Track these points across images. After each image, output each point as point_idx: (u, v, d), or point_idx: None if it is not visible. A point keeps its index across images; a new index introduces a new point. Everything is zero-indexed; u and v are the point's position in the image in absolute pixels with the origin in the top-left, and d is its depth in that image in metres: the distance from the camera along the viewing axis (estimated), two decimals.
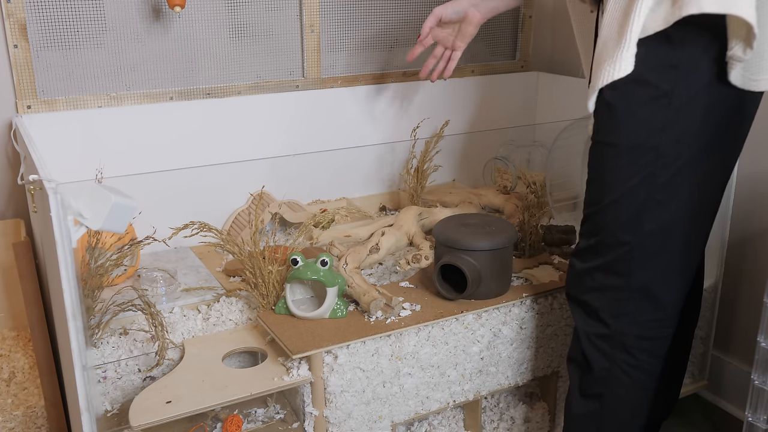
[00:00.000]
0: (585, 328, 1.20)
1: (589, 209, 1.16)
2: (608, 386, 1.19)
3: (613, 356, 1.18)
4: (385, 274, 1.50)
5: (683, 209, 1.10)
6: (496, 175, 1.94)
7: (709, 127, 1.05)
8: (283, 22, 1.73)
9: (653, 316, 1.15)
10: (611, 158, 1.10)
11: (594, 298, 1.17)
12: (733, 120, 1.08)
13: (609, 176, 1.11)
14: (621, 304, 1.15)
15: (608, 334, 1.17)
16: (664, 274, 1.13)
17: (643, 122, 1.05)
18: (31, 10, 1.47)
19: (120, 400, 1.24)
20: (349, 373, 1.22)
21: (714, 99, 1.04)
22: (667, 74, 1.02)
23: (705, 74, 1.02)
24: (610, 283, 1.15)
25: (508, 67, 2.08)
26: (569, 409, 1.26)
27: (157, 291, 1.38)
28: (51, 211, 0.87)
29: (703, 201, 1.12)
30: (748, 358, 1.61)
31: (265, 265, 1.29)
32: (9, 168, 1.54)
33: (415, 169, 1.78)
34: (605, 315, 1.16)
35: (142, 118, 1.59)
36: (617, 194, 1.10)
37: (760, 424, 1.26)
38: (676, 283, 1.15)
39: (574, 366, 1.24)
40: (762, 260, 1.62)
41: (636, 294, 1.14)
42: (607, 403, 1.20)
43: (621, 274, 1.13)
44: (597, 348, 1.19)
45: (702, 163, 1.08)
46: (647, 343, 1.17)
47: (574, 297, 1.22)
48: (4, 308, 1.47)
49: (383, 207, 1.87)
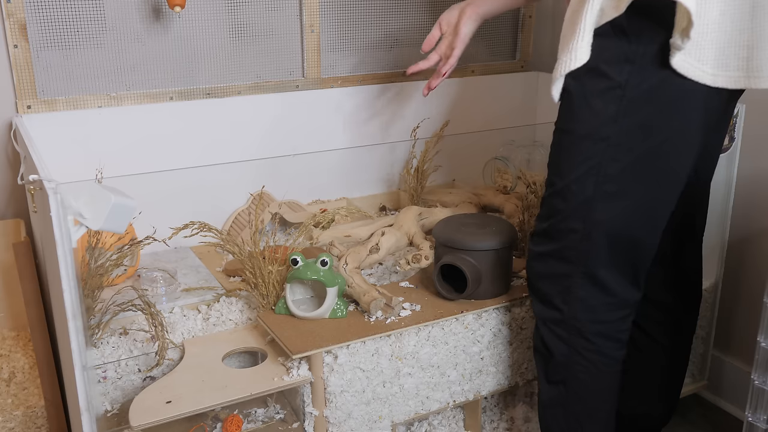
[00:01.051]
0: (542, 315, 1.22)
1: (546, 192, 1.18)
2: (570, 371, 1.21)
3: (570, 341, 1.19)
4: (385, 274, 1.50)
5: (635, 203, 1.10)
6: (496, 175, 1.94)
7: (663, 122, 1.05)
8: (283, 22, 1.73)
9: (603, 300, 1.16)
10: (566, 145, 1.12)
11: (547, 285, 1.19)
12: (691, 115, 1.06)
13: (564, 162, 1.12)
14: (572, 290, 1.16)
15: (562, 320, 1.19)
16: (610, 263, 1.14)
17: (596, 112, 1.06)
18: (31, 10, 1.47)
19: (120, 400, 1.24)
20: (349, 373, 1.22)
21: (668, 94, 1.03)
22: (621, 67, 1.03)
23: (659, 69, 1.02)
24: (560, 269, 1.16)
25: (508, 67, 2.08)
26: (539, 397, 1.28)
27: (157, 291, 1.38)
28: (51, 211, 0.87)
29: (656, 196, 1.12)
30: (748, 358, 1.61)
31: (265, 265, 1.29)
32: (9, 168, 1.54)
33: (415, 169, 1.78)
34: (558, 301, 1.18)
35: (142, 118, 1.59)
36: (568, 180, 1.11)
37: (760, 424, 1.26)
38: (625, 273, 1.16)
39: (538, 354, 1.26)
40: (762, 260, 1.62)
41: (585, 280, 1.15)
42: (571, 388, 1.22)
43: (570, 260, 1.15)
44: (555, 334, 1.20)
45: (655, 158, 1.08)
46: (600, 326, 1.18)
47: (529, 284, 1.24)
48: (4, 308, 1.47)
49: (383, 207, 1.87)
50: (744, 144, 1.54)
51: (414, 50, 1.90)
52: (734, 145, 1.51)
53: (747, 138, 1.55)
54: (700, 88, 1.03)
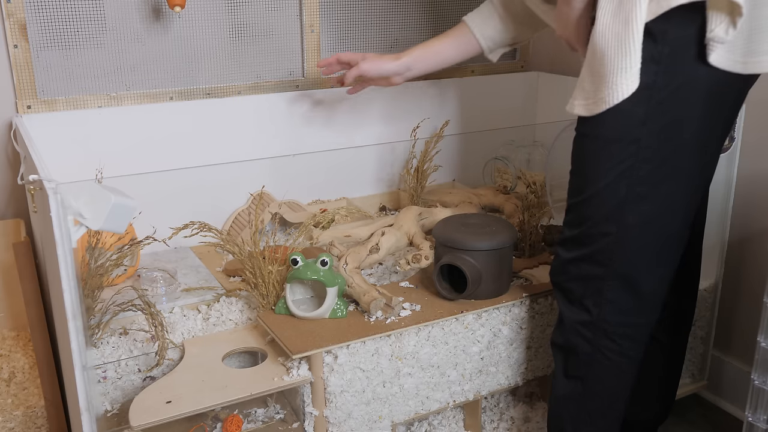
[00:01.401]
0: (569, 315, 1.21)
1: (572, 200, 1.17)
2: (591, 369, 1.21)
3: (595, 342, 1.19)
4: (385, 274, 1.50)
5: (665, 202, 1.10)
6: (496, 175, 1.94)
7: (692, 121, 1.05)
8: (283, 22, 1.73)
9: (633, 304, 1.16)
10: (592, 150, 1.11)
11: (577, 286, 1.19)
12: (718, 110, 1.07)
13: (591, 168, 1.11)
14: (603, 293, 1.16)
15: (591, 321, 1.18)
16: (644, 264, 1.14)
17: (624, 115, 1.05)
18: (31, 10, 1.47)
19: (120, 400, 1.24)
20: (349, 373, 1.22)
21: (696, 92, 1.03)
22: (648, 68, 1.02)
23: (686, 68, 1.01)
24: (592, 272, 1.16)
25: (508, 67, 2.08)
26: (554, 391, 1.28)
27: (157, 291, 1.38)
28: (51, 211, 0.87)
29: (687, 193, 1.12)
30: (748, 358, 1.60)
31: (265, 265, 1.29)
32: (9, 168, 1.54)
33: (415, 169, 1.78)
34: (588, 302, 1.18)
35: (142, 118, 1.59)
36: (599, 186, 1.10)
37: (760, 424, 1.26)
38: (657, 273, 1.16)
39: (557, 349, 1.26)
40: (762, 260, 1.62)
41: (617, 283, 1.15)
42: (589, 385, 1.22)
43: (603, 263, 1.14)
44: (580, 334, 1.20)
45: (684, 157, 1.08)
46: (628, 329, 1.18)
47: (558, 284, 1.23)
48: (4, 308, 1.47)
49: (383, 207, 1.87)
50: (744, 144, 1.54)
51: None
52: (734, 145, 1.51)
53: (747, 138, 1.55)
54: (730, 78, 1.03)
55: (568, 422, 1.25)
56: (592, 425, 1.24)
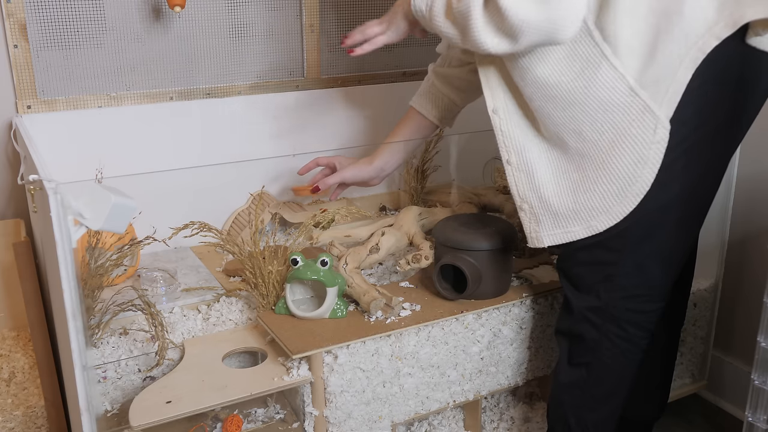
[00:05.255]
0: (576, 301, 1.22)
1: None
2: (596, 355, 1.22)
3: (603, 327, 1.20)
4: (385, 274, 1.50)
5: (683, 191, 1.11)
6: (496, 175, 1.94)
7: (717, 111, 1.06)
8: (283, 21, 1.73)
9: (643, 290, 1.17)
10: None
11: (587, 272, 1.19)
12: (741, 101, 1.09)
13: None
14: (614, 278, 1.17)
15: (600, 307, 1.19)
16: (657, 251, 1.15)
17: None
18: (31, 10, 1.47)
19: (120, 400, 1.24)
20: (349, 373, 1.22)
21: (720, 84, 1.05)
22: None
23: (710, 60, 1.02)
24: (605, 257, 1.16)
25: None
26: (556, 379, 1.28)
27: (157, 291, 1.38)
28: (51, 211, 0.87)
29: (704, 184, 1.14)
30: (748, 358, 1.60)
31: (265, 265, 1.29)
32: (9, 168, 1.54)
33: (415, 169, 1.78)
34: (599, 288, 1.18)
35: (142, 118, 1.59)
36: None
37: (760, 424, 1.26)
38: (668, 261, 1.17)
39: (563, 337, 1.27)
40: (762, 260, 1.62)
41: (629, 269, 1.16)
42: (594, 371, 1.23)
43: (616, 249, 1.15)
44: (588, 320, 1.21)
45: (705, 148, 1.09)
46: (637, 316, 1.19)
47: (566, 270, 1.23)
48: (4, 308, 1.47)
49: (383, 207, 1.87)
50: (744, 144, 1.54)
51: (414, 50, 1.90)
52: None
53: (747, 138, 1.54)
54: (753, 62, 1.05)
55: (570, 410, 1.26)
56: (593, 412, 1.25)
